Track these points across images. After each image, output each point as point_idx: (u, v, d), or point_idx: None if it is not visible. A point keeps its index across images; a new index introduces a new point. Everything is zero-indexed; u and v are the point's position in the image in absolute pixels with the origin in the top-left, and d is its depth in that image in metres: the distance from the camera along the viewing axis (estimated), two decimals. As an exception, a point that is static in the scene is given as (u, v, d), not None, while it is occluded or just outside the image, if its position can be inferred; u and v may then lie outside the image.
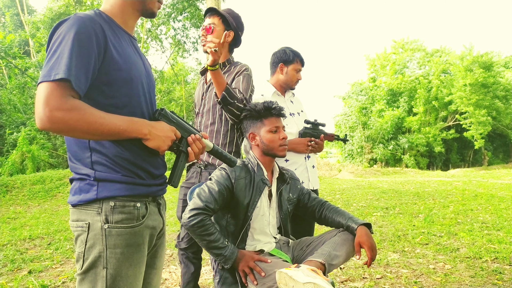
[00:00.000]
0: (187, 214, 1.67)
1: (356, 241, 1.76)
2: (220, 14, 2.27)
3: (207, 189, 1.74)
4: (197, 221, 1.64)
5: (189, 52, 21.15)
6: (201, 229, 1.65)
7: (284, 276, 1.47)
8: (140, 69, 1.26)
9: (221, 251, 1.68)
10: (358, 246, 1.75)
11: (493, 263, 3.33)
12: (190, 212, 1.67)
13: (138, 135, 1.15)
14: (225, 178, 1.78)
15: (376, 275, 3.14)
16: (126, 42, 1.25)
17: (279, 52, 2.51)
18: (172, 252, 3.95)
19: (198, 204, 1.68)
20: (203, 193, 1.73)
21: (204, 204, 1.68)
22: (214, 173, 1.83)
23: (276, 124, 1.87)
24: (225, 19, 2.25)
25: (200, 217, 1.65)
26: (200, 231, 1.65)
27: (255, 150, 1.91)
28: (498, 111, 28.47)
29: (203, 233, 1.65)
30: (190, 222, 1.65)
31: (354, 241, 1.77)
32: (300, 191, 2.04)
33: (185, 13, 19.29)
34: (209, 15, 2.29)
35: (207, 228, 1.65)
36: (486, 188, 8.87)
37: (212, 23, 2.25)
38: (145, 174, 1.23)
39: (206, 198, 1.70)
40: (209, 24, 2.25)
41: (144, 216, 1.22)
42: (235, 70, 2.26)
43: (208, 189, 1.74)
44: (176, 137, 1.27)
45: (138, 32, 20.54)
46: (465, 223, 4.99)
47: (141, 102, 1.24)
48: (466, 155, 31.74)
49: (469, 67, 26.49)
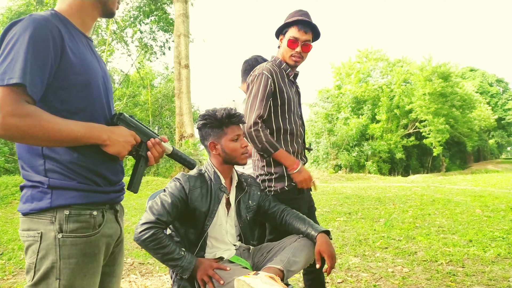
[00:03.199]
0: (138, 229, 1.64)
1: (316, 250, 1.79)
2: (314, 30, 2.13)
3: (160, 201, 1.71)
4: (149, 235, 1.62)
5: (156, 55, 20.85)
6: (153, 243, 1.62)
7: (242, 283, 1.47)
8: (97, 72, 1.23)
9: (178, 262, 1.66)
10: (318, 254, 1.78)
11: (448, 265, 3.48)
12: (142, 227, 1.64)
13: (97, 141, 1.12)
14: (179, 190, 1.75)
15: (338, 279, 3.20)
16: (83, 44, 1.21)
17: (250, 60, 2.55)
18: (133, 261, 3.85)
19: (150, 218, 1.66)
20: (155, 206, 1.70)
21: (155, 217, 1.66)
22: (168, 184, 1.80)
23: (237, 132, 1.85)
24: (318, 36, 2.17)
25: (152, 231, 1.62)
26: (153, 245, 1.62)
27: (214, 159, 1.88)
28: (456, 120, 29.94)
29: (156, 247, 1.63)
30: (141, 236, 1.62)
31: (314, 250, 1.80)
32: (261, 197, 2.03)
33: (153, 16, 19.02)
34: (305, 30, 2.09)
35: (160, 241, 1.63)
36: (443, 194, 9.26)
37: (309, 40, 2.12)
38: (102, 181, 1.20)
39: (158, 211, 1.67)
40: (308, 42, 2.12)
41: (101, 225, 1.19)
42: None
43: (161, 202, 1.71)
44: (135, 142, 1.25)
45: (102, 34, 20.05)
46: (423, 227, 5.18)
47: (99, 106, 1.21)
48: (425, 161, 33.10)
49: (429, 77, 27.73)
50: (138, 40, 20.35)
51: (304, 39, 2.08)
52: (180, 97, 14.14)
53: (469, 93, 33.03)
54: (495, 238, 4.37)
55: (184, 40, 14.15)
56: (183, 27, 14.15)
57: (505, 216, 5.75)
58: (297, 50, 2.09)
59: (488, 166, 35.84)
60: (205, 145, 1.89)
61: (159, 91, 24.41)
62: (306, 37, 2.08)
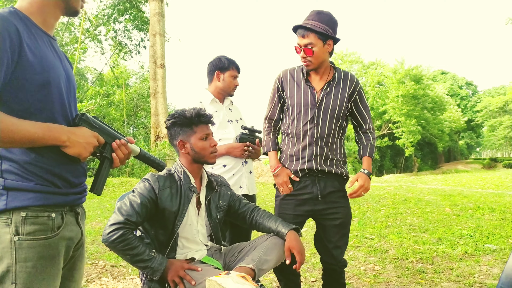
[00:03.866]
0: (107, 230, 1.60)
1: (286, 246, 1.81)
2: (314, 31, 2.04)
3: (129, 202, 1.68)
4: (117, 236, 1.58)
5: (131, 54, 20.51)
6: (122, 244, 1.58)
7: (214, 284, 1.46)
8: (59, 72, 1.19)
9: (147, 263, 1.63)
10: (288, 251, 1.80)
11: (418, 263, 3.57)
12: (110, 227, 1.60)
13: (56, 142, 1.09)
14: (148, 190, 1.73)
15: (311, 278, 3.23)
16: (44, 43, 1.17)
17: (214, 61, 2.54)
18: (105, 264, 3.77)
19: (118, 218, 1.62)
20: (124, 206, 1.67)
21: (124, 218, 1.62)
22: (137, 185, 1.77)
23: (206, 132, 1.85)
24: (322, 33, 2.05)
25: (120, 232, 1.59)
26: (121, 246, 1.59)
27: (183, 158, 1.87)
28: (427, 121, 30.87)
29: (124, 248, 1.59)
30: (110, 237, 1.58)
31: (284, 246, 1.81)
32: (231, 197, 2.03)
33: (127, 15, 18.70)
34: (301, 34, 2.06)
35: (129, 242, 1.60)
36: (414, 193, 9.50)
37: (309, 43, 2.05)
38: (62, 183, 1.17)
39: (127, 212, 1.64)
40: (306, 46, 2.05)
41: (60, 227, 1.16)
42: (346, 86, 2.21)
43: (130, 202, 1.68)
44: (99, 143, 1.22)
45: (75, 32, 19.56)
46: (395, 225, 5.30)
47: (59, 107, 1.17)
48: (398, 161, 33.93)
49: (401, 79, 28.49)
50: (112, 39, 19.96)
51: (303, 43, 2.06)
52: (156, 97, 13.95)
53: (440, 96, 34.15)
54: (463, 236, 4.52)
55: (160, 39, 13.97)
56: (159, 26, 13.97)
57: (473, 215, 5.95)
58: (301, 56, 2.11)
59: (458, 166, 37.09)
60: (174, 145, 1.88)
61: (134, 90, 24.01)
62: (305, 41, 2.05)
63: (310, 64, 2.11)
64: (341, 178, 2.24)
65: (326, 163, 2.17)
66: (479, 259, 3.61)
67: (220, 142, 2.40)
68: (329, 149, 2.19)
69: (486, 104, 42.25)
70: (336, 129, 2.20)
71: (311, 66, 2.13)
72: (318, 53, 2.07)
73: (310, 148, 2.16)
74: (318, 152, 2.16)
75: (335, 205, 2.18)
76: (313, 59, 2.09)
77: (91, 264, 3.79)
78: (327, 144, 2.18)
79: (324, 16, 2.06)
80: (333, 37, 2.08)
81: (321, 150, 2.16)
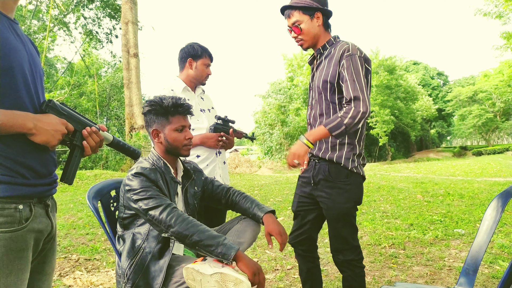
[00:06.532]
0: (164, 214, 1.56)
1: (266, 232, 1.81)
2: (296, 7, 1.97)
3: (150, 194, 1.61)
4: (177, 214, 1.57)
5: (102, 43, 19.95)
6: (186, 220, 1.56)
7: (191, 271, 1.45)
8: (22, 57, 1.13)
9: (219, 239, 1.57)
10: (268, 236, 1.80)
11: (390, 248, 3.66)
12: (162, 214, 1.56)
13: (21, 130, 1.04)
14: (152, 180, 1.66)
15: (287, 266, 3.26)
16: (5, 27, 1.11)
17: (187, 48, 2.47)
18: (79, 257, 3.69)
19: (163, 202, 1.59)
20: (152, 200, 1.59)
21: (167, 201, 1.61)
22: (132, 183, 1.64)
23: (182, 123, 1.79)
24: (305, 7, 1.96)
25: (177, 210, 1.58)
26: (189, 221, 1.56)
27: (157, 148, 1.83)
28: (400, 111, 31.55)
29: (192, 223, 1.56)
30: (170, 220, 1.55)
31: (264, 231, 1.82)
32: (204, 181, 2.02)
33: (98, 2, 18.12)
34: (287, 15, 2.00)
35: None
36: (388, 181, 9.74)
37: (295, 21, 1.98)
38: (30, 173, 1.12)
39: (162, 197, 1.61)
40: (293, 25, 1.98)
41: (28, 219, 1.11)
42: (334, 56, 1.93)
43: (150, 195, 1.60)
44: (68, 131, 1.17)
45: (43, 19, 18.83)
46: (369, 213, 5.42)
47: (25, 93, 1.12)
48: (373, 150, 34.64)
49: (375, 70, 28.91)
50: (82, 27, 19.32)
51: (290, 23, 2.01)
52: (130, 87, 13.66)
53: (412, 86, 34.96)
54: (434, 222, 4.67)
55: (133, 27, 13.63)
56: (131, 14, 13.62)
57: (443, 201, 6.17)
58: (292, 36, 2.05)
59: (429, 154, 38.26)
60: (149, 132, 1.83)
61: (107, 80, 23.41)
62: (292, 20, 1.99)
63: (304, 42, 2.03)
64: (333, 165, 1.95)
65: (320, 146, 1.99)
66: (449, 243, 3.75)
67: (193, 132, 2.36)
68: None
69: (456, 94, 43.57)
70: (331, 108, 1.96)
71: (305, 44, 2.05)
72: (307, 29, 1.98)
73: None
74: None
75: (322, 194, 1.98)
76: (303, 36, 2.01)
77: (64, 258, 3.70)
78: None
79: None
80: (320, 8, 1.97)
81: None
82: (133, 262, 1.63)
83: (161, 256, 1.63)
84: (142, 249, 1.64)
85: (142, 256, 1.63)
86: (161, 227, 1.55)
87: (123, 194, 1.69)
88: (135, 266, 1.62)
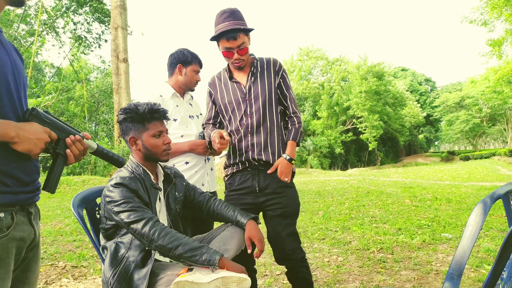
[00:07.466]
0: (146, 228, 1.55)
1: (246, 236, 1.82)
2: (241, 30, 2.04)
3: (132, 206, 1.60)
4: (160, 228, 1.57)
5: (91, 48, 19.81)
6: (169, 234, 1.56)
7: (183, 284, 1.42)
8: (5, 64, 1.12)
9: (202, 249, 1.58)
10: (248, 240, 1.82)
11: (379, 253, 3.68)
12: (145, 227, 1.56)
13: (3, 138, 1.03)
14: (132, 190, 1.65)
15: (276, 271, 3.26)
16: None
17: (176, 53, 2.46)
18: (65, 264, 3.64)
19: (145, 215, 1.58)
20: (133, 213, 1.58)
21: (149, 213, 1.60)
22: (112, 195, 1.63)
23: (159, 129, 1.79)
24: (247, 29, 2.07)
25: (159, 224, 1.58)
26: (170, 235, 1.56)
27: (135, 155, 1.81)
28: (389, 116, 31.90)
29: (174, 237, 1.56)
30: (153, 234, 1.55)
31: (245, 236, 1.83)
32: (186, 187, 2.01)
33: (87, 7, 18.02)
34: (233, 37, 2.03)
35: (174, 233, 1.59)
36: (377, 186, 9.81)
37: (242, 42, 2.05)
38: (11, 181, 1.10)
39: (141, 208, 1.60)
40: (240, 47, 2.06)
41: (10, 227, 1.09)
42: (271, 68, 2.20)
43: (131, 207, 1.59)
44: (51, 139, 1.16)
45: (32, 24, 18.64)
46: (358, 218, 5.45)
47: (7, 101, 1.10)
48: (362, 156, 34.90)
49: (364, 75, 29.23)
50: (70, 32, 19.18)
51: (236, 45, 2.05)
52: (119, 93, 13.57)
53: (401, 91, 35.37)
54: (421, 226, 4.71)
55: (122, 33, 13.57)
56: (121, 19, 13.56)
57: (431, 206, 6.23)
58: (235, 58, 2.10)
59: (418, 159, 38.69)
60: (126, 140, 1.81)
61: (96, 85, 23.22)
62: (238, 42, 2.04)
63: (243, 62, 2.13)
64: None
65: (266, 152, 2.13)
66: (436, 247, 3.78)
67: (182, 139, 2.36)
68: (269, 138, 2.14)
69: (444, 100, 44.22)
70: (272, 116, 2.16)
71: (243, 64, 2.14)
72: (248, 49, 2.12)
73: (246, 139, 2.14)
74: (254, 142, 2.13)
75: (275, 196, 2.11)
76: (245, 57, 2.12)
77: (51, 265, 3.64)
78: (265, 133, 2.14)
79: (238, 13, 2.08)
80: (251, 29, 2.11)
81: (258, 139, 2.14)
82: (116, 271, 1.61)
83: (144, 265, 1.62)
84: (126, 258, 1.62)
85: (126, 265, 1.61)
86: (144, 241, 1.55)
87: (104, 205, 1.67)
88: (118, 275, 1.60)
